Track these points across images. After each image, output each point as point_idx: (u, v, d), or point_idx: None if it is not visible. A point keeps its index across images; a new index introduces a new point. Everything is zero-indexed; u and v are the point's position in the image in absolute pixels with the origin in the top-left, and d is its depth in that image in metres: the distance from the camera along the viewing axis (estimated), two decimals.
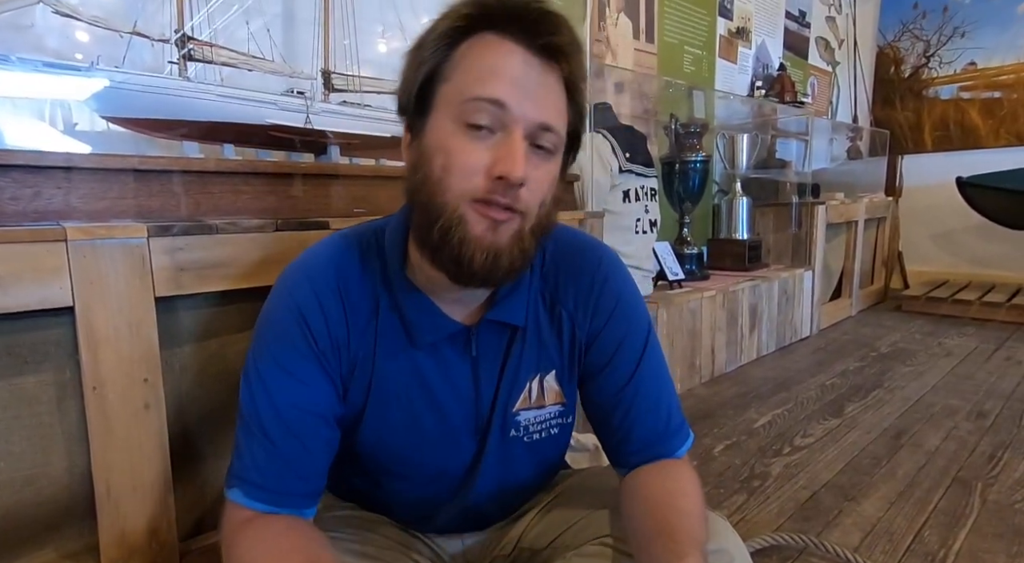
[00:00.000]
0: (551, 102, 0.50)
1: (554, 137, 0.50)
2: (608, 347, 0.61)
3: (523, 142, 0.48)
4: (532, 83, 0.48)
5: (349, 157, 1.22)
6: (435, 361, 0.58)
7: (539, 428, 0.62)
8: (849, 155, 3.38)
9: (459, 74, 0.49)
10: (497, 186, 0.48)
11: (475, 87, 0.48)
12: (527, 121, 0.48)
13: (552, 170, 0.52)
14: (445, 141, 0.49)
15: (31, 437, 0.69)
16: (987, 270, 3.21)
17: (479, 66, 0.48)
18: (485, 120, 0.48)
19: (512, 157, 0.47)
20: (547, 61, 0.49)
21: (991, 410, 1.57)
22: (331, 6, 1.23)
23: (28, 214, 0.71)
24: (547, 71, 0.49)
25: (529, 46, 0.48)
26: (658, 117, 2.31)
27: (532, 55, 0.49)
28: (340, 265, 0.57)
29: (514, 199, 0.48)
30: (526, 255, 0.52)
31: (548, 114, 0.49)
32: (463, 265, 0.49)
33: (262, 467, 0.53)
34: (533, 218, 0.51)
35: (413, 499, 0.64)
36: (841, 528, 1.03)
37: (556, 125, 0.50)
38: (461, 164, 0.48)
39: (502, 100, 0.47)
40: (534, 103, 0.48)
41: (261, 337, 0.55)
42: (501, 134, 0.48)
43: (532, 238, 0.52)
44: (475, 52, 0.49)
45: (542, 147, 0.50)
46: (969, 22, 3.29)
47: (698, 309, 1.84)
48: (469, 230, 0.49)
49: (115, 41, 0.99)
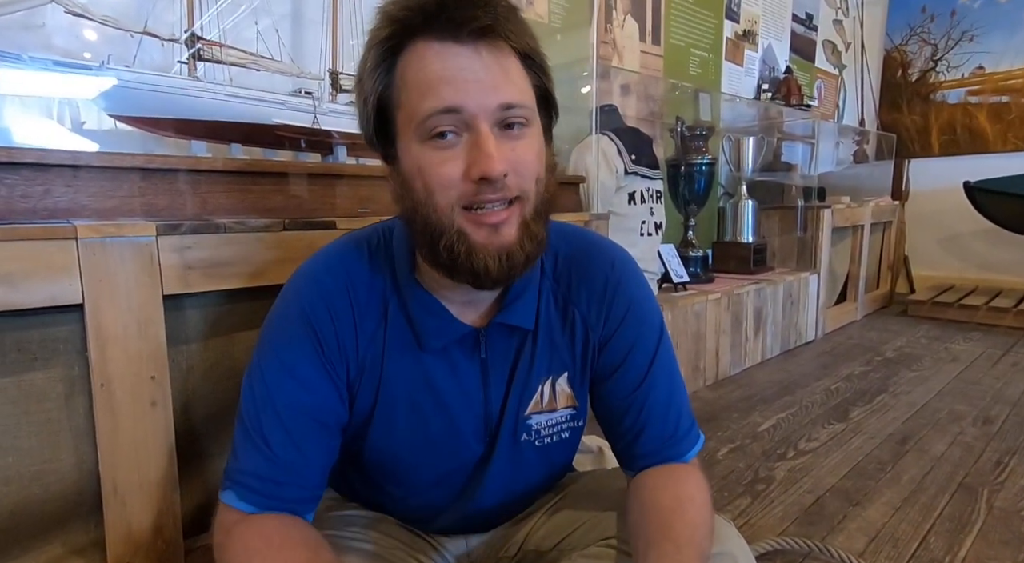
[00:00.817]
0: (504, 79, 0.48)
1: (522, 110, 0.48)
2: (621, 349, 0.60)
3: (491, 134, 0.47)
4: (476, 72, 0.46)
5: (356, 157, 1.22)
6: (444, 364, 0.57)
7: (550, 432, 0.62)
8: (855, 159, 3.37)
9: (405, 95, 0.48)
10: (482, 187, 0.47)
11: (424, 104, 0.47)
12: (485, 110, 0.47)
13: (533, 143, 0.50)
14: (418, 162, 0.48)
15: (39, 433, 0.70)
16: (994, 275, 3.20)
17: (420, 81, 0.47)
18: (447, 128, 0.47)
19: (485, 155, 0.46)
20: (481, 42, 0.47)
21: (997, 416, 1.56)
22: (339, 6, 1.24)
23: (39, 212, 0.72)
24: (487, 51, 0.47)
25: (456, 38, 0.46)
26: (664, 119, 2.31)
27: (462, 45, 0.47)
28: (350, 268, 0.57)
29: (505, 190, 0.48)
30: (537, 240, 0.51)
31: (505, 93, 0.47)
32: (479, 274, 0.49)
33: (258, 471, 0.52)
34: (532, 197, 0.50)
35: (420, 501, 0.63)
36: (846, 533, 1.03)
37: (518, 99, 0.48)
38: (439, 178, 0.47)
39: (453, 105, 0.46)
40: (485, 90, 0.46)
41: (267, 339, 0.55)
42: (468, 135, 0.47)
43: (539, 219, 0.51)
44: (411, 68, 0.48)
45: (513, 124, 0.48)
46: (977, 26, 3.28)
47: (703, 312, 1.83)
48: (472, 240, 0.48)
49: (126, 41, 1.00)
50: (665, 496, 0.56)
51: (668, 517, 0.53)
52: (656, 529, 0.52)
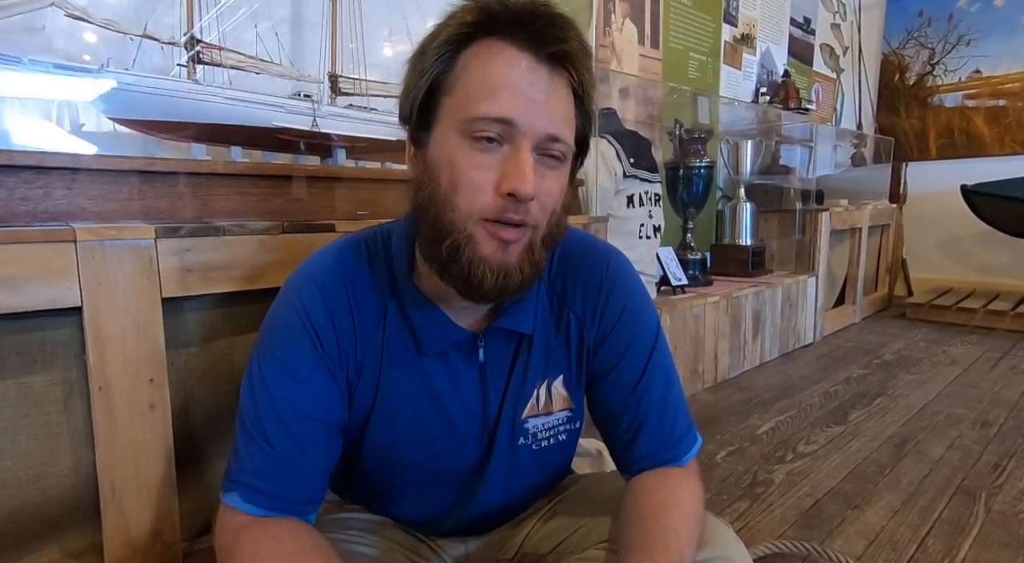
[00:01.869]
0: (559, 111, 0.48)
1: (563, 147, 0.49)
2: (616, 351, 0.60)
3: (531, 156, 0.47)
4: (539, 93, 0.47)
5: (355, 160, 1.22)
6: (442, 368, 0.57)
7: (547, 435, 0.62)
8: (853, 162, 3.38)
9: (462, 86, 0.47)
10: (507, 203, 0.47)
11: (480, 104, 0.46)
12: (535, 134, 0.47)
13: (561, 179, 0.51)
14: (451, 155, 0.48)
15: (38, 436, 0.69)
16: (992, 278, 3.20)
17: (483, 78, 0.47)
18: (492, 135, 0.47)
19: (521, 173, 0.46)
20: (554, 69, 0.48)
21: (996, 419, 1.56)
22: (339, 10, 1.24)
23: (38, 214, 0.72)
24: (554, 79, 0.48)
25: (535, 54, 0.47)
26: (663, 123, 2.31)
27: (538, 63, 0.47)
28: (349, 270, 0.56)
29: (525, 214, 0.48)
30: (537, 267, 0.51)
31: (556, 125, 0.48)
32: (473, 284, 0.49)
33: (261, 472, 0.52)
34: (543, 228, 0.50)
35: (418, 503, 0.63)
36: (844, 536, 1.03)
37: (564, 135, 0.49)
38: (469, 180, 0.47)
39: (508, 118, 0.46)
40: (541, 114, 0.47)
41: (266, 340, 0.55)
42: (508, 148, 0.47)
43: (543, 248, 0.51)
44: (479, 62, 0.47)
45: (551, 156, 0.49)
46: (974, 30, 3.29)
47: (701, 315, 1.83)
48: (479, 250, 0.48)
49: (125, 44, 1.00)
50: (652, 502, 0.56)
51: (649, 524, 0.53)
52: (635, 536, 0.52)
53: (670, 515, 0.54)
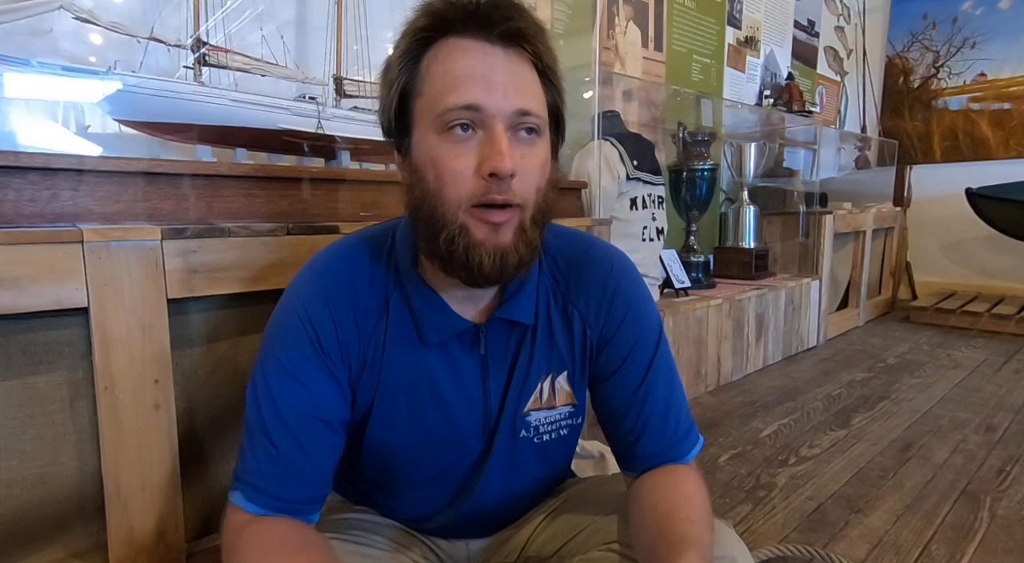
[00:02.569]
0: (523, 87, 0.50)
1: (534, 119, 0.51)
2: (620, 351, 0.61)
3: (505, 134, 0.49)
4: (499, 74, 0.49)
5: (359, 162, 1.23)
6: (444, 359, 0.58)
7: (549, 429, 0.63)
8: (857, 165, 3.38)
9: (429, 86, 0.50)
10: (490, 184, 0.49)
11: (446, 98, 0.48)
12: (503, 113, 0.49)
13: (540, 154, 0.52)
14: (432, 153, 0.50)
15: (43, 436, 0.70)
16: (997, 282, 3.19)
17: (444, 74, 0.49)
18: (464, 121, 0.49)
19: (497, 152, 0.48)
20: (509, 47, 0.50)
21: (1000, 424, 1.56)
22: (343, 12, 1.25)
23: (45, 215, 0.72)
24: (512, 57, 0.50)
25: (487, 38, 0.49)
26: (666, 125, 2.31)
27: (492, 46, 0.49)
28: (351, 265, 0.58)
29: (508, 193, 0.49)
30: (531, 246, 0.52)
31: (522, 100, 0.50)
32: (473, 270, 0.50)
33: (264, 471, 0.53)
34: (531, 206, 0.52)
35: (418, 498, 0.64)
36: (847, 540, 1.02)
37: (533, 108, 0.50)
38: (451, 170, 0.49)
39: (474, 104, 0.48)
40: (505, 93, 0.49)
41: (269, 342, 0.56)
42: (482, 132, 0.49)
43: (535, 227, 0.52)
44: (438, 60, 0.50)
45: (525, 130, 0.50)
46: (979, 33, 3.29)
47: (704, 317, 1.83)
48: (472, 236, 0.50)
49: (132, 46, 1.00)
50: (663, 500, 0.56)
51: (664, 519, 0.54)
52: (656, 530, 0.53)
53: (683, 507, 0.55)
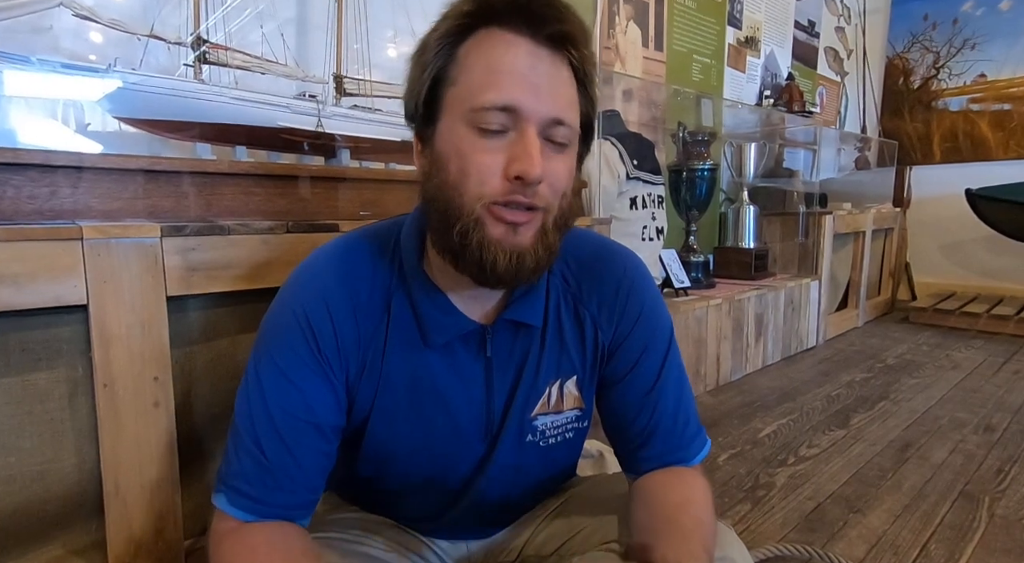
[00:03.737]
0: (562, 94, 0.48)
1: (567, 131, 0.49)
2: (632, 354, 0.60)
3: (537, 139, 0.47)
4: (541, 77, 0.47)
5: (359, 161, 1.23)
6: (447, 361, 0.57)
7: (556, 433, 0.62)
8: (857, 165, 3.37)
9: (465, 76, 0.48)
10: (515, 186, 0.47)
11: (484, 93, 0.46)
12: (539, 118, 0.47)
13: (569, 161, 0.51)
14: (458, 145, 0.48)
15: (42, 433, 0.70)
16: (996, 283, 3.19)
17: (484, 66, 0.47)
18: (497, 123, 0.47)
19: (528, 156, 0.46)
20: (555, 51, 0.48)
21: (999, 424, 1.56)
22: (344, 11, 1.25)
23: (45, 212, 0.72)
24: (556, 62, 0.48)
25: (534, 37, 0.47)
26: (666, 125, 2.31)
27: (538, 46, 0.47)
28: (351, 264, 0.56)
29: (534, 197, 0.48)
30: (551, 250, 0.51)
31: (560, 108, 0.48)
32: (486, 269, 0.48)
33: (248, 476, 0.51)
34: (555, 211, 0.50)
35: (417, 501, 0.63)
36: (846, 540, 1.02)
37: (569, 119, 0.49)
38: (477, 166, 0.47)
39: (512, 105, 0.46)
40: (545, 98, 0.47)
41: (264, 341, 0.54)
42: (514, 133, 0.47)
43: (556, 232, 0.51)
44: (479, 51, 0.47)
45: (555, 142, 0.49)
46: (979, 34, 3.29)
47: (704, 317, 1.83)
48: (488, 233, 0.48)
49: (132, 44, 1.00)
50: (672, 494, 0.56)
51: (675, 513, 0.53)
52: (664, 522, 0.52)
53: (691, 507, 0.54)
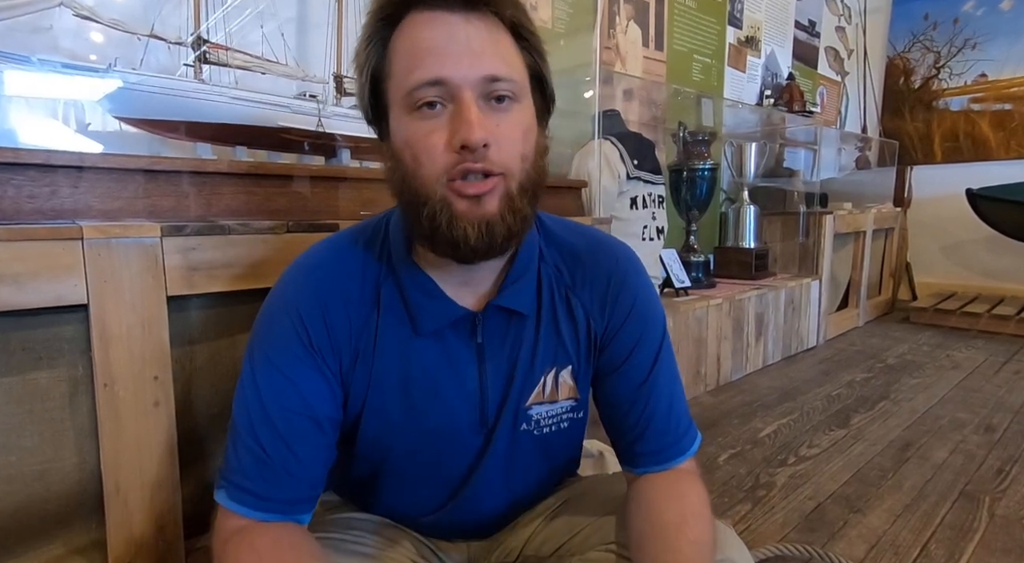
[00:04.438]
0: (492, 50, 0.48)
1: (508, 84, 0.48)
2: (625, 346, 0.60)
3: (474, 104, 0.47)
4: (462, 42, 0.47)
5: (359, 160, 1.23)
6: (439, 349, 0.57)
7: (550, 422, 0.62)
8: (857, 165, 3.37)
9: (395, 66, 0.49)
10: (464, 156, 0.47)
11: (411, 75, 0.47)
12: (469, 81, 0.47)
13: (521, 120, 0.50)
14: (405, 133, 0.49)
15: (43, 432, 0.70)
16: (996, 283, 3.19)
17: (407, 51, 0.48)
18: (434, 99, 0.47)
19: (466, 122, 0.46)
20: (471, 12, 0.47)
21: (999, 424, 1.56)
22: (344, 10, 1.25)
23: (45, 212, 0.72)
24: (474, 22, 0.47)
25: (446, 6, 0.47)
26: (666, 125, 2.31)
27: (452, 13, 0.47)
28: (341, 259, 0.57)
29: (485, 161, 0.47)
30: (520, 215, 0.50)
31: (491, 65, 0.47)
32: (459, 244, 0.49)
33: (248, 470, 0.51)
34: (517, 174, 0.49)
35: (415, 496, 0.63)
36: (846, 540, 1.02)
37: (504, 73, 0.48)
38: (425, 148, 0.47)
39: (438, 77, 0.46)
40: (471, 61, 0.47)
41: (257, 338, 0.54)
42: (452, 105, 0.47)
43: (523, 196, 0.50)
44: (402, 39, 0.48)
45: (500, 97, 0.48)
46: (980, 34, 3.28)
47: (704, 317, 1.83)
48: (453, 209, 0.48)
49: (132, 43, 1.00)
50: (669, 512, 0.55)
51: (674, 537, 0.52)
52: (663, 550, 0.52)
53: (692, 527, 0.53)
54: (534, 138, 0.51)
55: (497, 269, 0.57)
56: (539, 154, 0.52)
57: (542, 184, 0.53)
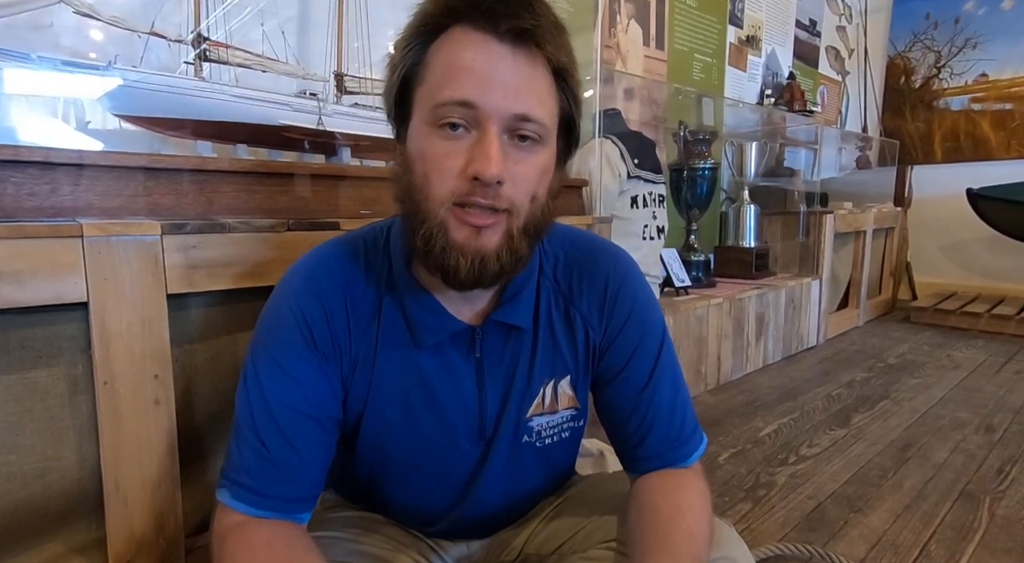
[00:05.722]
0: (528, 90, 0.47)
1: (535, 126, 0.47)
2: (624, 352, 0.60)
3: (497, 139, 0.46)
4: (501, 74, 0.46)
5: (360, 159, 1.22)
6: (438, 362, 0.57)
7: (551, 433, 0.62)
8: (858, 165, 3.37)
9: (430, 75, 0.48)
10: (474, 186, 0.46)
11: (443, 90, 0.46)
12: (499, 115, 0.46)
13: (539, 162, 0.49)
14: (423, 146, 0.48)
15: (42, 430, 0.70)
16: (997, 283, 3.19)
17: (446, 65, 0.47)
18: (458, 120, 0.46)
19: (485, 156, 0.45)
20: (519, 47, 0.46)
21: (1000, 424, 1.56)
22: (344, 9, 1.24)
23: (45, 210, 0.72)
24: (521, 57, 0.46)
25: (497, 34, 0.46)
26: (667, 124, 2.31)
27: (500, 43, 0.46)
28: (344, 264, 0.57)
29: (495, 198, 0.47)
30: (517, 256, 0.50)
31: (524, 103, 0.46)
32: (449, 272, 0.49)
33: (250, 468, 0.51)
34: (523, 214, 0.49)
35: (417, 503, 0.63)
36: (847, 540, 1.02)
37: (535, 114, 0.47)
38: (438, 168, 0.47)
39: (468, 100, 0.45)
40: (505, 94, 0.46)
41: (261, 337, 0.55)
42: (476, 132, 0.46)
43: (524, 237, 0.50)
44: (443, 50, 0.47)
45: (525, 138, 0.48)
46: (981, 33, 3.28)
47: (704, 316, 1.83)
48: (451, 237, 0.48)
49: (132, 41, 1.00)
50: (664, 503, 0.55)
51: (666, 526, 0.53)
52: (653, 537, 0.52)
53: (685, 518, 0.54)
54: (548, 180, 0.51)
55: (493, 287, 0.57)
56: (550, 195, 0.51)
57: (546, 225, 0.52)
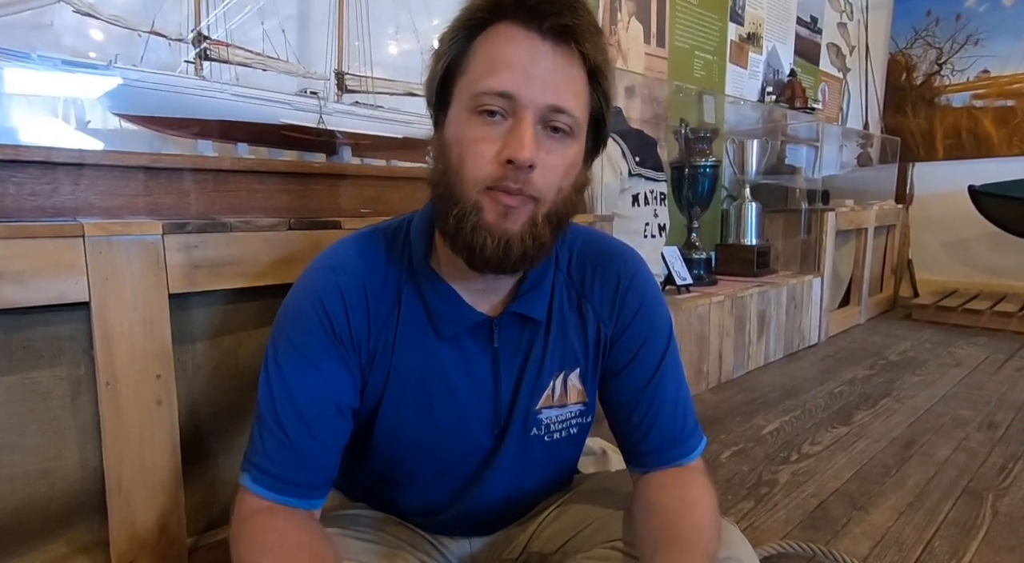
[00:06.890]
0: (564, 84, 0.50)
1: (569, 119, 0.50)
2: (632, 346, 0.61)
3: (532, 126, 0.49)
4: (540, 69, 0.49)
5: (361, 157, 1.22)
6: (456, 352, 0.58)
7: (560, 427, 0.63)
8: (859, 162, 3.36)
9: (473, 66, 0.50)
10: (507, 171, 0.48)
11: (484, 80, 0.49)
12: (536, 105, 0.48)
13: (569, 155, 0.51)
14: (460, 132, 0.50)
15: (45, 431, 0.70)
16: (999, 280, 3.18)
17: (489, 57, 0.49)
18: (494, 108, 0.49)
19: (519, 140, 0.48)
20: (558, 44, 0.49)
21: (1002, 421, 1.55)
22: (345, 8, 1.24)
23: (46, 210, 0.72)
24: (559, 54, 0.49)
25: (538, 30, 0.49)
26: (668, 121, 2.30)
27: (541, 39, 0.49)
28: (364, 257, 0.58)
29: (525, 183, 0.49)
30: (540, 242, 0.52)
31: (559, 96, 0.49)
32: (475, 252, 0.50)
33: (271, 454, 0.53)
34: (548, 204, 0.51)
35: (424, 495, 0.64)
36: (850, 537, 1.02)
37: (569, 107, 0.50)
38: (474, 152, 0.49)
39: (508, 91, 0.48)
40: (543, 86, 0.48)
41: (281, 326, 0.56)
42: (512, 120, 0.49)
43: (547, 225, 0.51)
44: (487, 43, 0.50)
45: (557, 129, 0.50)
46: (983, 30, 3.27)
47: (706, 314, 1.83)
48: (483, 217, 0.50)
49: (133, 40, 1.00)
50: (671, 499, 0.56)
51: (673, 519, 0.54)
52: (662, 531, 0.53)
53: (693, 512, 0.55)
54: (575, 174, 0.53)
55: (514, 276, 0.58)
56: (575, 190, 0.54)
57: (569, 217, 0.54)
